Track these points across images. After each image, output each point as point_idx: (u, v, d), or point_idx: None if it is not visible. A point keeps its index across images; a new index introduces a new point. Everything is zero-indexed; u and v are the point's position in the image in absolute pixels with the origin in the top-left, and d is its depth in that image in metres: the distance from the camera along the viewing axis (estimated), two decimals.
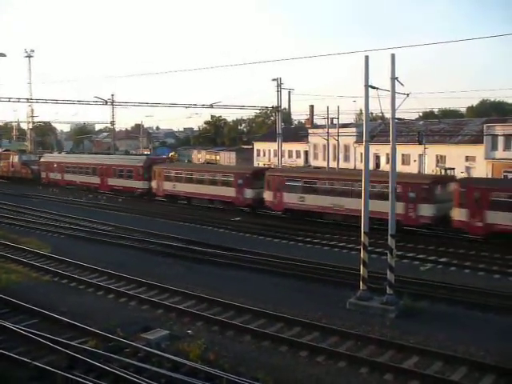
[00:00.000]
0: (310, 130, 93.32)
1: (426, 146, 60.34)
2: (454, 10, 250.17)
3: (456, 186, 33.44)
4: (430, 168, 66.16)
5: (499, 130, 65.47)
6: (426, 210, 34.10)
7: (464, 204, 32.07)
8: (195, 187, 48.53)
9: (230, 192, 45.42)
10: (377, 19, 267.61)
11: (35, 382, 14.13)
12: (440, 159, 71.06)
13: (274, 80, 60.90)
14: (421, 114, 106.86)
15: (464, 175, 59.27)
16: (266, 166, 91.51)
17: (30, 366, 14.83)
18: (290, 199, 40.95)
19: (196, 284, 23.86)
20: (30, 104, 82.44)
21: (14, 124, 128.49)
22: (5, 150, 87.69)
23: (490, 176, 60.08)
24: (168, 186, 50.82)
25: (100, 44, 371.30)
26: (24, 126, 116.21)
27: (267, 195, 42.48)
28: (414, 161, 73.06)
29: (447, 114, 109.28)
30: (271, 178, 42.53)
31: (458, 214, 32.33)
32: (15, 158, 74.00)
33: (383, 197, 28.90)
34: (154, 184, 52.72)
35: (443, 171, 59.80)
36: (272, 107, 64.85)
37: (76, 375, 14.23)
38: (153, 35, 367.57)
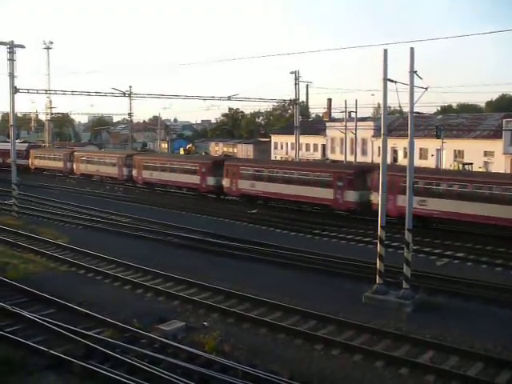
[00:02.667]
0: (327, 124, 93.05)
1: (444, 140, 59.97)
2: (475, 2, 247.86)
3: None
4: (447, 163, 65.75)
5: None
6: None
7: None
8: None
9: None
10: (395, 12, 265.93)
11: (52, 371, 14.24)
12: (458, 154, 70.55)
13: (292, 73, 60.75)
14: (439, 109, 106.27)
15: (483, 170, 58.80)
16: (282, 159, 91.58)
17: (47, 355, 14.96)
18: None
19: (212, 276, 23.91)
20: (48, 95, 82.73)
21: (32, 115, 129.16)
22: (22, 142, 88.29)
23: (508, 171, 59.48)
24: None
25: (118, 36, 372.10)
26: (42, 117, 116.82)
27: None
28: (432, 155, 72.57)
29: (466, 108, 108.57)
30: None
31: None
32: None
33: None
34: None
35: (461, 166, 59.47)
36: (290, 100, 64.70)
37: (92, 364, 14.34)
38: (171, 27, 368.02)
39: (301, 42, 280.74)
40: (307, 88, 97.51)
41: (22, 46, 39.31)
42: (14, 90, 39.56)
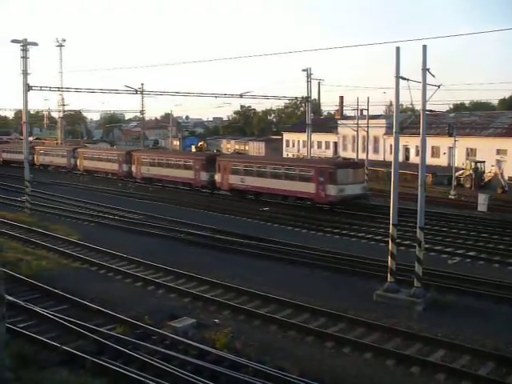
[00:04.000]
0: (339, 121, 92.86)
1: (457, 138, 59.73)
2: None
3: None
4: (460, 161, 65.48)
5: None
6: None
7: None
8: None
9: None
10: (407, 9, 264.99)
11: (65, 366, 14.34)
12: (470, 152, 70.28)
13: (303, 70, 60.57)
14: (451, 106, 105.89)
15: (495, 169, 58.56)
16: (294, 156, 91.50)
17: (59, 351, 15.07)
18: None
19: (223, 273, 23.97)
20: (60, 93, 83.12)
21: (44, 112, 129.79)
22: (35, 139, 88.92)
23: None
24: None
25: (130, 33, 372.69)
26: (55, 114, 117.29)
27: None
28: (444, 153, 72.39)
29: (478, 106, 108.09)
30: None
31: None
32: None
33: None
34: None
35: (473, 164, 59.24)
36: (302, 98, 64.54)
37: (104, 360, 14.43)
38: (183, 24, 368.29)
39: (313, 40, 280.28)
40: (319, 85, 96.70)
41: (35, 44, 39.50)
42: (27, 88, 39.75)
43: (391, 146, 31.15)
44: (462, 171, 59.57)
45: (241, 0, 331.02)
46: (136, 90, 66.29)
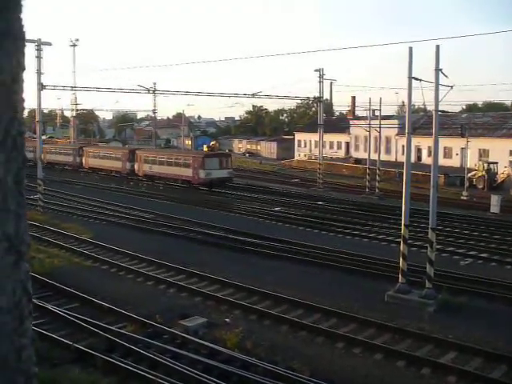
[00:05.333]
0: (351, 122, 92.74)
1: (469, 139, 59.49)
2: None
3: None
4: (472, 162, 65.17)
5: None
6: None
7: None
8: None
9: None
10: (420, 9, 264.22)
11: (76, 364, 14.42)
12: (483, 153, 69.92)
13: (316, 71, 60.63)
14: (464, 107, 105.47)
15: (508, 169, 58.28)
16: (306, 156, 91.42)
17: (71, 348, 15.15)
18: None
19: (235, 273, 24.01)
20: (73, 92, 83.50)
21: (57, 111, 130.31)
22: (49, 137, 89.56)
23: None
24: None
25: (142, 33, 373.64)
26: (67, 113, 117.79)
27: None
28: (456, 154, 72.06)
29: (491, 106, 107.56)
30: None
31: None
32: None
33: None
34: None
35: (486, 165, 58.97)
36: (314, 98, 64.57)
37: (115, 359, 14.50)
38: (197, 23, 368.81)
39: (325, 40, 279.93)
40: (331, 86, 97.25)
41: (48, 44, 39.73)
42: (41, 87, 39.96)
43: (403, 146, 31.14)
44: (474, 172, 59.32)
45: (255, 0, 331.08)
46: (148, 90, 66.56)
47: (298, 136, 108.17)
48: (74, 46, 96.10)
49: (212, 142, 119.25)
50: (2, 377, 1.01)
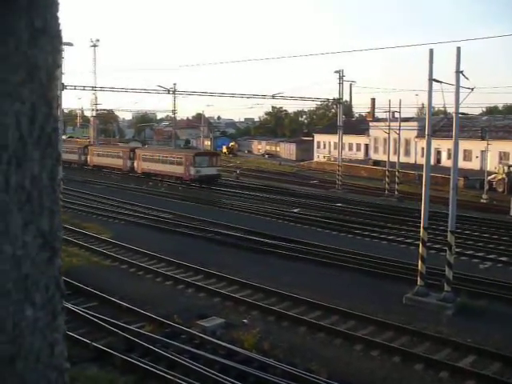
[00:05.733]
0: (370, 123, 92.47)
1: (489, 142, 59.06)
2: None
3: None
4: (492, 165, 64.67)
5: None
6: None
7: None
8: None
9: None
10: (441, 11, 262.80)
11: (95, 363, 14.51)
12: (503, 156, 69.38)
13: (336, 72, 60.59)
14: (484, 110, 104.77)
15: None
16: (325, 158, 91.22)
17: (90, 347, 15.24)
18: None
19: (253, 274, 24.02)
20: (94, 92, 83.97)
21: (78, 111, 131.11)
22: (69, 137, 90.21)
23: None
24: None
25: (163, 33, 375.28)
26: (87, 113, 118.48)
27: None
28: (476, 157, 71.57)
29: None
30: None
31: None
32: None
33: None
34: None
35: (506, 168, 58.52)
36: (333, 99, 64.51)
37: (133, 358, 14.56)
38: (217, 24, 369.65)
39: (345, 42, 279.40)
40: (351, 87, 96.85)
41: (70, 44, 40.16)
42: (62, 87, 40.29)
43: (423, 148, 31.04)
44: (494, 175, 58.87)
45: (274, 1, 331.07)
46: (168, 90, 66.91)
47: (318, 137, 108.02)
48: (95, 46, 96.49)
49: (231, 143, 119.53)
50: (34, 371, 1.03)
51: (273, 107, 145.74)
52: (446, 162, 69.14)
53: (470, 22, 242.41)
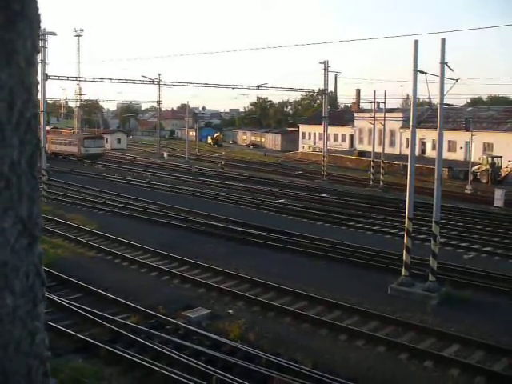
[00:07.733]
0: (355, 114, 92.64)
1: (474, 133, 59.32)
2: None
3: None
4: (476, 155, 64.99)
5: None
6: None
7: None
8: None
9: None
10: (425, 2, 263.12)
11: (79, 354, 14.47)
12: (487, 147, 69.75)
13: (321, 63, 60.46)
14: (469, 101, 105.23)
15: None
16: (310, 148, 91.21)
17: (74, 339, 15.20)
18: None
19: (239, 264, 24.03)
20: (78, 82, 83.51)
21: (62, 102, 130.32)
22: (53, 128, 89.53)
23: None
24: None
25: (147, 24, 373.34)
26: (72, 104, 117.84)
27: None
28: (461, 148, 71.88)
29: (496, 100, 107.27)
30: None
31: None
32: None
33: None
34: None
35: (490, 159, 58.85)
36: (318, 90, 64.51)
37: (118, 349, 14.54)
38: (200, 15, 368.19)
39: (330, 32, 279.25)
40: (336, 78, 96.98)
41: (53, 34, 39.76)
42: (45, 77, 39.99)
43: (407, 139, 31.15)
44: (478, 166, 59.19)
45: None
46: (153, 80, 66.65)
47: (303, 128, 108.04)
48: (79, 36, 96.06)
49: (216, 134, 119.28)
50: (16, 360, 1.01)
51: (258, 98, 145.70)
52: (430, 152, 69.52)
53: (456, 14, 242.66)
